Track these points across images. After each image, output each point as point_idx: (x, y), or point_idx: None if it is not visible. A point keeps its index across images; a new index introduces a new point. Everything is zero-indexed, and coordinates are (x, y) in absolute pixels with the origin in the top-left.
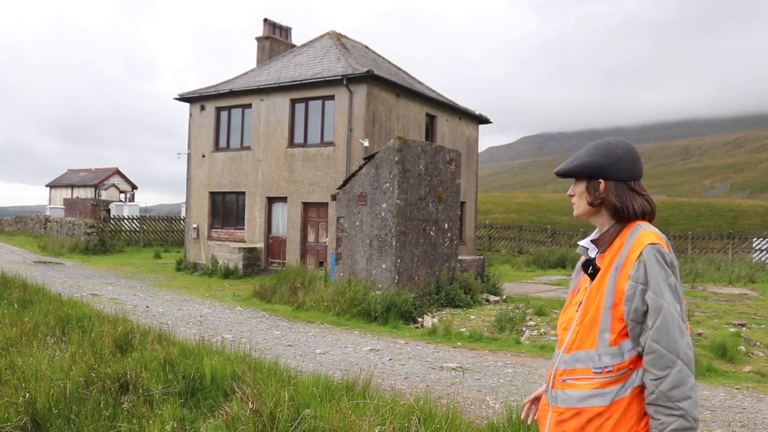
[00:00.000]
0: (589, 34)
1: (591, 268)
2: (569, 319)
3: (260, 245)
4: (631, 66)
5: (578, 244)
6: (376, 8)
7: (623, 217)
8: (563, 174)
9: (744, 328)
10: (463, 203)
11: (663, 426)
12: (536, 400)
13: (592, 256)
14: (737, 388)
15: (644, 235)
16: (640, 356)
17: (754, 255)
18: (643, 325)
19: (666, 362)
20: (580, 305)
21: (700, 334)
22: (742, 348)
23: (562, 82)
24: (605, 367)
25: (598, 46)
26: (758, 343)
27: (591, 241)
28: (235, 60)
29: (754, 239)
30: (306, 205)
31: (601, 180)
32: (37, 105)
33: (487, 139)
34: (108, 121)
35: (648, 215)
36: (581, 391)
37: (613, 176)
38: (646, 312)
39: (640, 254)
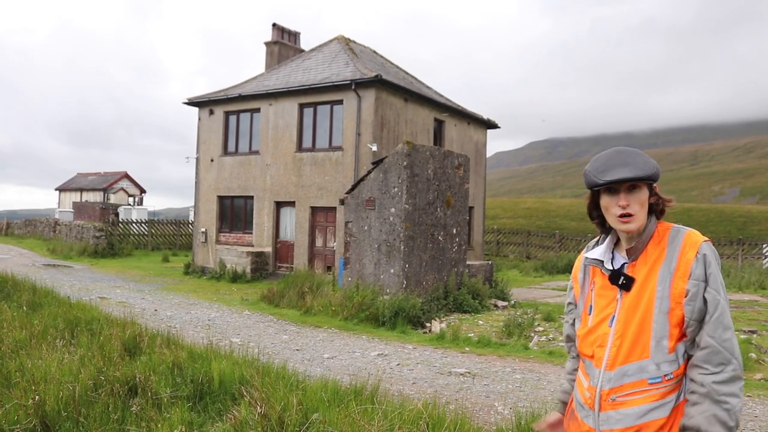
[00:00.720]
0: (604, 36)
1: (623, 279)
2: (603, 335)
3: (268, 249)
4: (646, 69)
5: (587, 257)
6: (386, 12)
7: (663, 213)
8: (644, 178)
9: (755, 335)
10: (471, 208)
11: (705, 411)
12: (553, 426)
13: (612, 267)
14: (748, 396)
15: (693, 234)
16: (689, 358)
17: (764, 261)
18: (702, 323)
19: (721, 359)
20: (612, 318)
21: None
22: (753, 355)
23: (574, 85)
24: (665, 375)
25: (613, 49)
26: None
27: (626, 250)
28: (244, 64)
29: (764, 245)
30: (314, 210)
31: (655, 184)
32: (45, 109)
33: (496, 143)
34: (116, 125)
35: None
36: (641, 406)
37: None
38: (706, 310)
39: (698, 252)
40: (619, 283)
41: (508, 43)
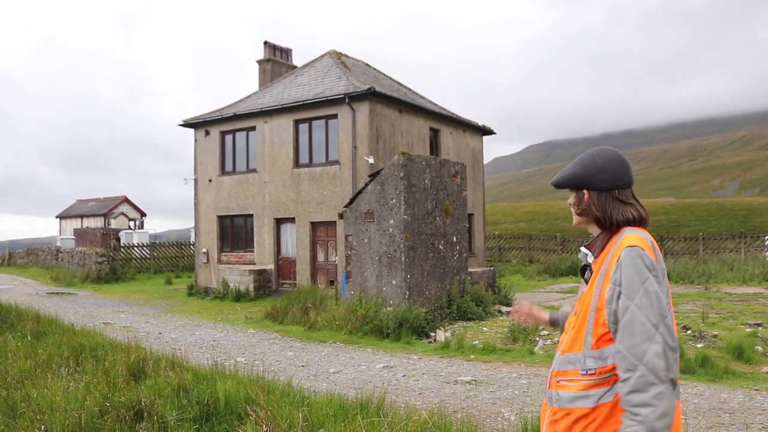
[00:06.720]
0: (619, 25)
1: (587, 273)
2: (570, 323)
3: (270, 267)
4: (659, 60)
5: (580, 250)
6: (385, 16)
7: (605, 226)
8: (555, 185)
9: (760, 328)
10: (471, 215)
11: (622, 428)
12: (531, 314)
13: (590, 261)
14: (756, 389)
15: (626, 238)
16: None
17: (767, 253)
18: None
19: (627, 365)
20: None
21: (715, 336)
22: (759, 348)
23: (581, 82)
24: (589, 369)
25: (627, 40)
26: None
27: (585, 246)
28: (237, 78)
29: (767, 237)
30: (314, 225)
31: (585, 191)
32: (36, 133)
33: (494, 148)
34: (110, 147)
35: (636, 222)
36: (571, 392)
37: (595, 186)
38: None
39: (620, 257)
40: (585, 276)
41: (513, 42)
